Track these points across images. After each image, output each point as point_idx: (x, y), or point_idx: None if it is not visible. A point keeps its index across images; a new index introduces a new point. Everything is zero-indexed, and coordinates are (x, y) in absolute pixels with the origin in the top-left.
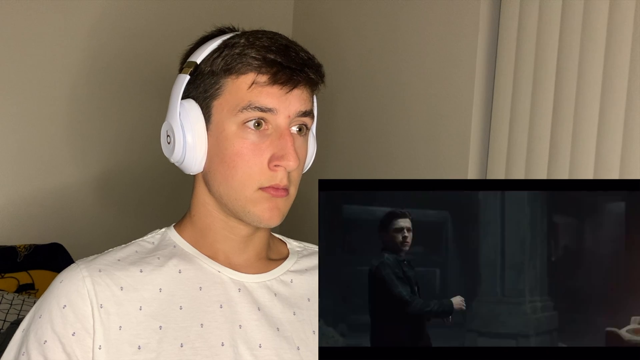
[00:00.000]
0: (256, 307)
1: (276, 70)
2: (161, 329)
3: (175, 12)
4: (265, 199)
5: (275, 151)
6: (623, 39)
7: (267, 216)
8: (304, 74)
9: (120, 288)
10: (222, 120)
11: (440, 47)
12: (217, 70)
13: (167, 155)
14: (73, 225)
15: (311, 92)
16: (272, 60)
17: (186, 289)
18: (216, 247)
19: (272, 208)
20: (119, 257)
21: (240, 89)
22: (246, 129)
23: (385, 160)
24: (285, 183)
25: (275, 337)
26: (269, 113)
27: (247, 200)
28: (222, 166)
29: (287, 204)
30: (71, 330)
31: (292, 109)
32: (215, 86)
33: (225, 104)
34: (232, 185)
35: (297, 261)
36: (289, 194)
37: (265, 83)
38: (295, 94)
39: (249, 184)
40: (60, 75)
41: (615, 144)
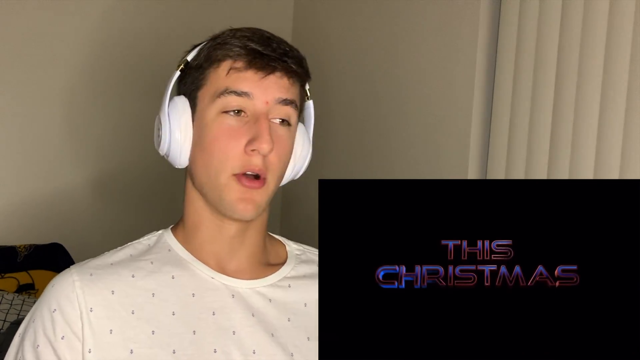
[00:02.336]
0: (250, 312)
1: (253, 56)
2: (154, 334)
3: (174, 13)
4: (240, 189)
5: (251, 135)
6: (623, 39)
7: (241, 207)
8: (283, 63)
9: (111, 292)
10: (203, 109)
11: (440, 47)
12: (202, 63)
13: (156, 149)
14: (73, 225)
15: (292, 82)
16: (251, 48)
17: (179, 295)
18: (206, 248)
19: (246, 199)
20: (112, 261)
21: (220, 77)
22: (225, 115)
23: (385, 160)
24: (259, 166)
25: (269, 343)
26: (245, 98)
27: (222, 188)
28: (202, 154)
29: (264, 196)
30: (60, 334)
31: (269, 94)
32: (200, 77)
33: (206, 93)
34: (209, 173)
35: (295, 267)
36: (265, 185)
37: (241, 68)
38: (272, 80)
39: (223, 169)
40: (60, 75)
41: (615, 144)
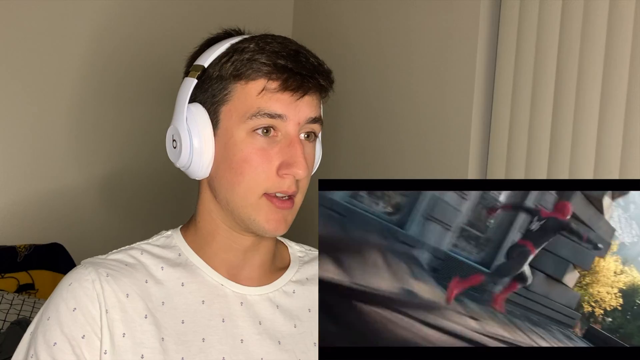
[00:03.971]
0: (257, 321)
1: (287, 76)
2: (163, 340)
3: (176, 13)
4: (271, 209)
5: (284, 159)
6: (623, 39)
7: (273, 227)
8: (315, 81)
9: (126, 295)
10: (230, 127)
11: (440, 47)
12: (226, 75)
13: (172, 160)
14: (73, 225)
15: (321, 98)
16: (282, 66)
17: (189, 302)
18: (220, 257)
19: (277, 219)
20: (126, 262)
21: (250, 95)
22: (255, 136)
23: (385, 160)
24: (293, 190)
25: (276, 352)
26: (279, 120)
27: (252, 207)
28: (229, 172)
29: (293, 214)
30: (81, 333)
31: (302, 115)
32: (223, 91)
33: (234, 110)
34: (237, 192)
35: (299, 270)
36: (294, 204)
37: (275, 89)
38: (306, 101)
39: (254, 190)
40: (65, 76)
41: (615, 144)
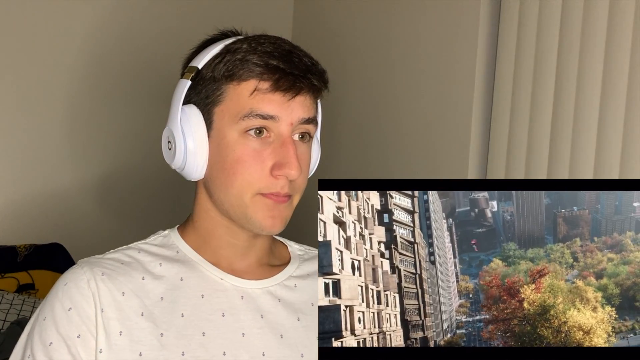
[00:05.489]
0: (259, 314)
1: (278, 76)
2: (162, 336)
3: (175, 14)
4: (266, 206)
5: (277, 159)
6: (623, 39)
7: (269, 224)
8: (307, 81)
9: (122, 293)
10: (223, 128)
11: (440, 47)
12: (219, 76)
13: (168, 161)
14: (73, 225)
15: (314, 98)
16: (274, 66)
17: (188, 296)
18: (219, 253)
19: (274, 216)
20: (122, 261)
21: (242, 96)
22: (247, 136)
23: (385, 160)
24: (286, 191)
25: (278, 345)
26: (271, 120)
27: (247, 206)
28: (223, 173)
29: (290, 210)
30: (76, 333)
31: (295, 116)
32: (216, 92)
33: (226, 111)
34: (231, 192)
35: (300, 266)
36: (290, 199)
37: (267, 90)
38: (298, 101)
39: (247, 191)
40: (62, 76)
41: (615, 144)
